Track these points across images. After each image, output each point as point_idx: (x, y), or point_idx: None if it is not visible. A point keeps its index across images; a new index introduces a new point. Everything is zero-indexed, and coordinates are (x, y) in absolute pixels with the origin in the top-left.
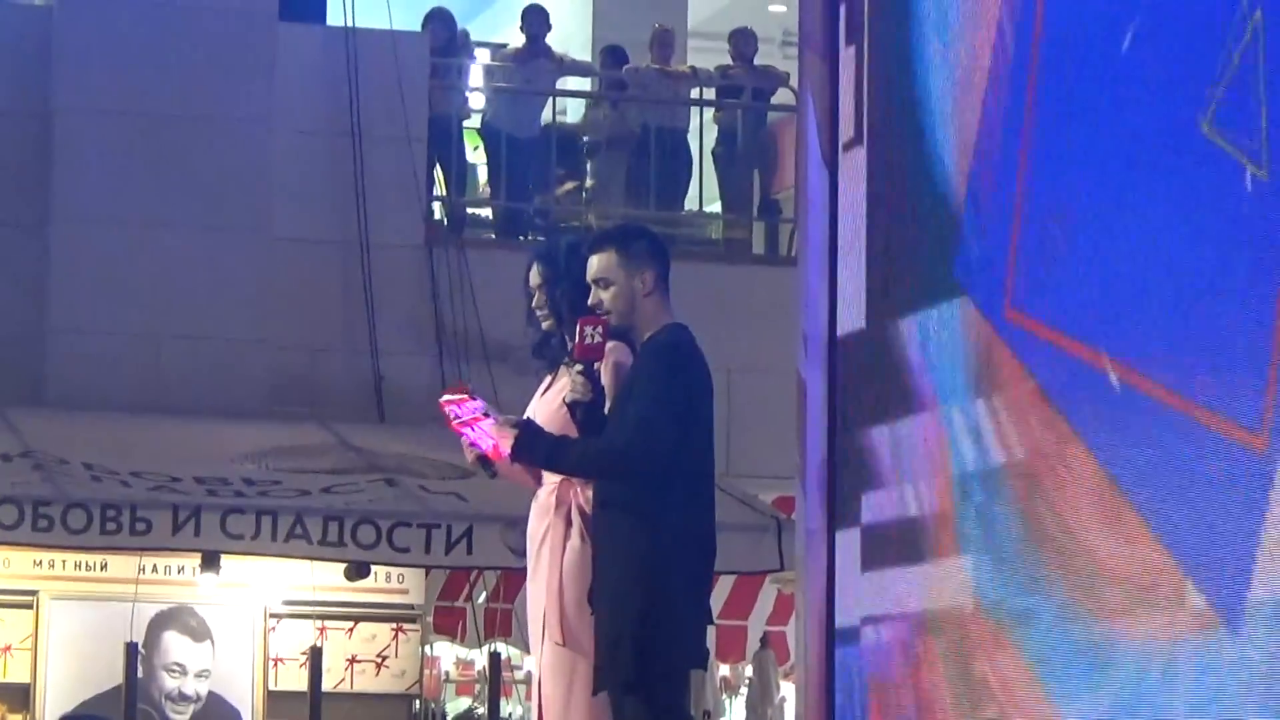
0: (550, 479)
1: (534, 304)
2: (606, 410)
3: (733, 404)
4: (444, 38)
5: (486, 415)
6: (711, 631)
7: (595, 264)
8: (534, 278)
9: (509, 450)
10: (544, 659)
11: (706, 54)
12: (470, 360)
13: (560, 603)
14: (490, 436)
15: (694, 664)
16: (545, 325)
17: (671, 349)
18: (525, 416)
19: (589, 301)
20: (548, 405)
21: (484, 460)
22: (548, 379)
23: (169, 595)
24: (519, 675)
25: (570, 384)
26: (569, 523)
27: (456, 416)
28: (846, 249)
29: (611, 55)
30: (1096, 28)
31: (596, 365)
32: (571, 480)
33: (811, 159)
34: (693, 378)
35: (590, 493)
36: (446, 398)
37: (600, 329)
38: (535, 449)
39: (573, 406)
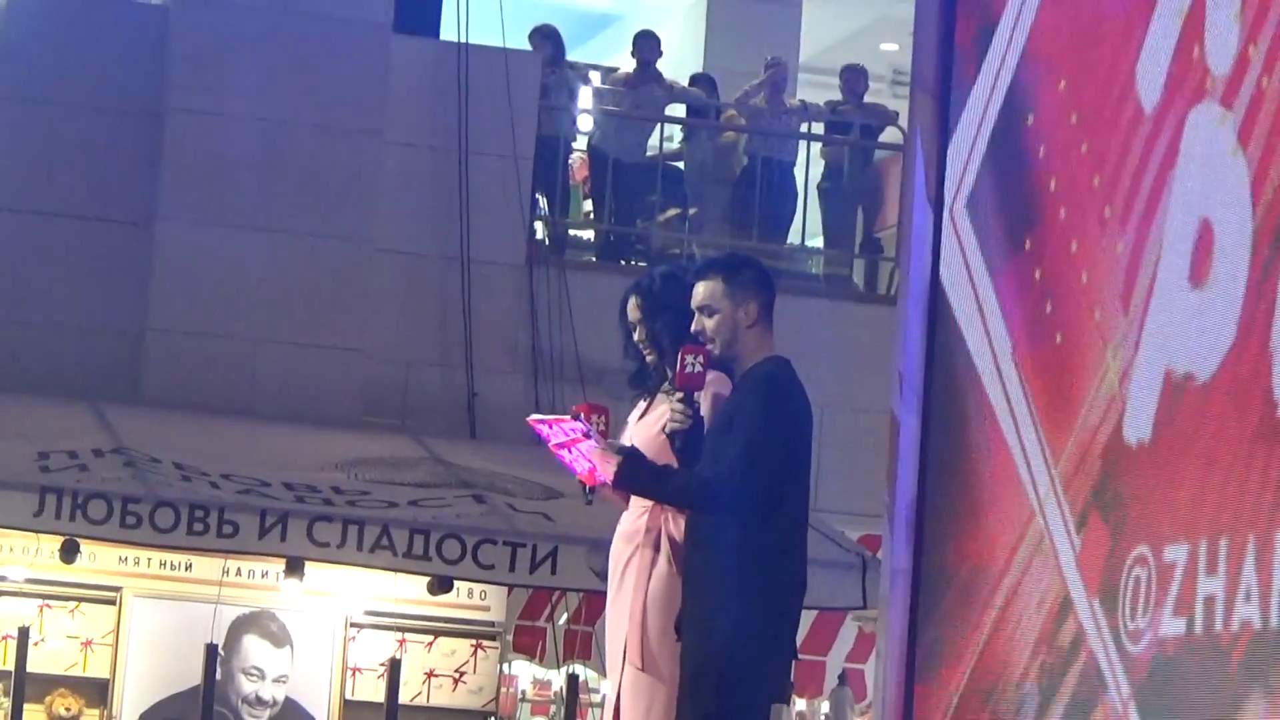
0: (640, 503)
1: (635, 338)
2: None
3: (824, 439)
4: (550, 53)
5: (588, 437)
6: (792, 666)
7: (701, 291)
8: (633, 311)
9: (611, 477)
10: (623, 683)
11: (816, 89)
12: (564, 381)
13: (643, 628)
14: (588, 460)
15: (776, 698)
16: (649, 358)
17: (772, 381)
18: (630, 444)
19: (692, 328)
20: (646, 430)
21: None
22: (643, 404)
23: (251, 599)
24: (595, 698)
25: (670, 412)
26: (657, 549)
27: (552, 438)
28: None
29: (703, 82)
30: None
31: (696, 395)
32: (664, 506)
33: (917, 199)
34: (793, 412)
35: (683, 521)
36: (536, 417)
37: (701, 358)
38: (638, 478)
39: (672, 436)
